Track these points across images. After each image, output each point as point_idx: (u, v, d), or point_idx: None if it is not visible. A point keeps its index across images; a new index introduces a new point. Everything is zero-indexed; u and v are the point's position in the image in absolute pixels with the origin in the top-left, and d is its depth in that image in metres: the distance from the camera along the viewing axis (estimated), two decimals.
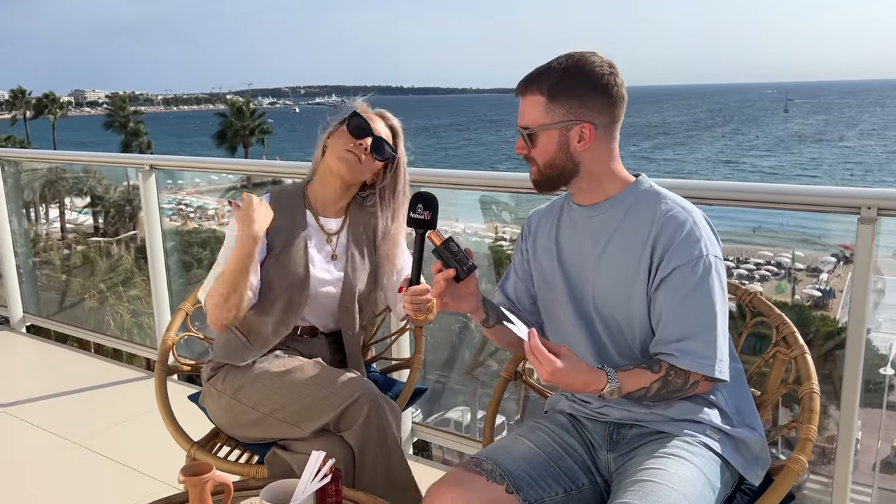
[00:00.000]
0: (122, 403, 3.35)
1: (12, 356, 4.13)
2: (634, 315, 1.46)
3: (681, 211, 1.44)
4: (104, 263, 5.51)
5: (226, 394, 1.85)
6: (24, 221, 4.95)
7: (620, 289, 1.46)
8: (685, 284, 1.39)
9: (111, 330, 4.59)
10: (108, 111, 61.40)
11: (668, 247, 1.41)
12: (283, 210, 1.92)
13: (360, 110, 1.93)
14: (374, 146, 1.89)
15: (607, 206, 1.50)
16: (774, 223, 11.61)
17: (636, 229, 1.45)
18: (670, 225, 1.42)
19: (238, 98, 62.74)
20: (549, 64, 1.46)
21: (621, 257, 1.46)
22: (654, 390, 1.39)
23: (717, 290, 1.40)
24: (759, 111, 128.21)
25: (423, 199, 1.57)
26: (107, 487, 2.59)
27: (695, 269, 1.39)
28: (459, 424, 4.41)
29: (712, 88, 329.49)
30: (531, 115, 1.45)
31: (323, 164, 1.94)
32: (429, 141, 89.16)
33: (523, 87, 1.47)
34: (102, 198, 6.57)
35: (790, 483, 1.38)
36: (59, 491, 2.60)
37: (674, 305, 1.40)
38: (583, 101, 1.43)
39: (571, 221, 1.56)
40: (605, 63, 1.45)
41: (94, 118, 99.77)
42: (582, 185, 1.49)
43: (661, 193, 1.49)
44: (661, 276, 1.41)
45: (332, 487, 1.43)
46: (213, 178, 10.54)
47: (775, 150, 72.24)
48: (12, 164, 4.50)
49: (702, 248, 1.40)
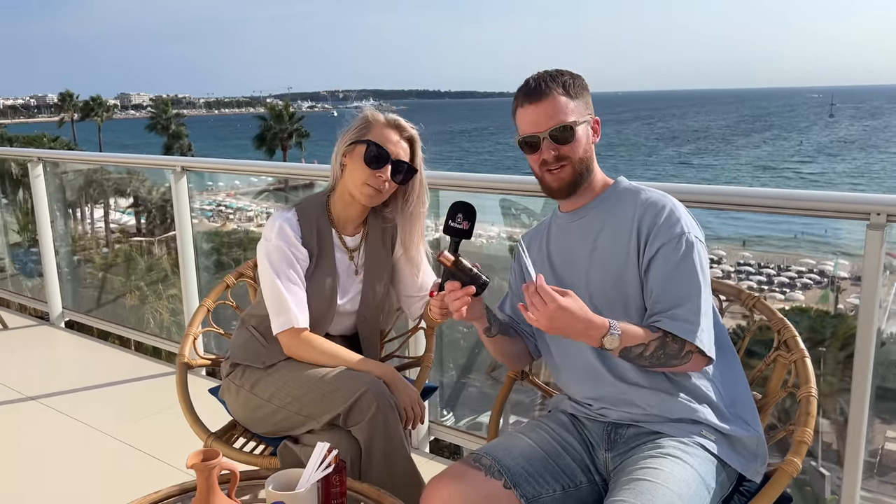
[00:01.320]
0: (152, 397, 3.46)
1: (51, 350, 4.29)
2: (630, 299, 1.52)
3: (659, 197, 1.54)
4: (145, 262, 5.65)
5: (244, 388, 1.92)
6: (69, 221, 5.14)
7: (614, 278, 1.53)
8: (670, 260, 1.47)
9: (150, 328, 4.71)
10: (151, 114, 62.85)
11: (651, 228, 1.49)
12: (311, 228, 1.92)
13: (375, 126, 1.88)
14: (394, 171, 1.87)
15: (591, 206, 1.60)
16: (818, 230, 11.37)
17: (621, 221, 1.54)
18: (652, 208, 1.51)
19: (277, 101, 63.64)
20: (549, 70, 1.57)
21: (611, 249, 1.54)
22: (652, 349, 1.44)
23: (699, 267, 1.47)
24: (802, 116, 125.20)
25: (464, 210, 1.58)
26: (132, 475, 2.69)
27: (678, 245, 1.47)
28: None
29: (753, 93, 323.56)
30: (562, 114, 1.52)
31: (343, 184, 1.92)
32: (465, 145, 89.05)
33: (542, 90, 1.53)
34: (145, 199, 6.74)
35: (783, 484, 1.39)
36: (87, 478, 2.71)
37: (662, 279, 1.48)
38: (588, 99, 1.58)
39: (559, 229, 1.65)
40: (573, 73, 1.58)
41: (139, 121, 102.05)
42: (585, 185, 1.58)
43: (639, 188, 1.58)
44: (648, 255, 1.49)
45: (335, 478, 1.48)
46: (253, 181, 10.74)
47: (819, 156, 70.39)
48: (54, 165, 4.68)
49: (682, 226, 1.48)
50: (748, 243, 13.95)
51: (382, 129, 1.89)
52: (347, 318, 1.99)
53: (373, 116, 1.91)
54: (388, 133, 1.89)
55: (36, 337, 4.43)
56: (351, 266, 1.97)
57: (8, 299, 5.21)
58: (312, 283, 1.90)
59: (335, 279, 1.93)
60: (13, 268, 5.61)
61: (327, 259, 1.92)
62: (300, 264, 1.88)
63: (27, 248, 5.59)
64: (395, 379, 1.84)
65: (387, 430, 1.75)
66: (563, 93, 1.53)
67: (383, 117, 1.91)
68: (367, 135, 1.88)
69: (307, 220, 1.92)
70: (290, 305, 1.84)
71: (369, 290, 1.98)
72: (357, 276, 1.97)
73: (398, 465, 1.77)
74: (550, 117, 1.52)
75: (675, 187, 1.94)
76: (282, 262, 1.86)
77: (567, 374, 1.62)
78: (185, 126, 60.39)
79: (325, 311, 1.93)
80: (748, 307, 1.70)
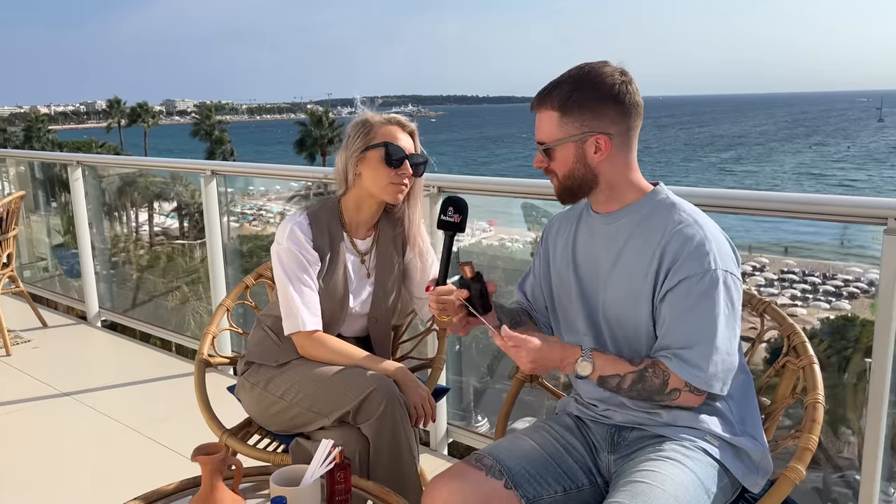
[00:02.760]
0: (178, 394, 3.55)
1: (86, 349, 4.42)
2: (641, 324, 1.47)
3: (692, 224, 1.43)
4: (187, 265, 5.77)
5: (258, 386, 1.96)
6: (114, 223, 5.26)
7: (629, 297, 1.48)
8: (689, 296, 1.39)
9: (191, 329, 4.78)
10: (195, 120, 64.20)
11: (675, 259, 1.41)
12: (322, 232, 1.95)
13: (378, 128, 1.90)
14: (414, 166, 1.91)
15: (623, 213, 1.52)
16: (864, 237, 11.09)
17: (648, 239, 1.46)
18: (679, 238, 1.42)
19: (318, 107, 64.39)
20: (560, 78, 1.48)
21: (632, 266, 1.48)
22: (629, 382, 1.42)
23: (723, 305, 1.39)
24: (848, 121, 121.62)
25: (454, 203, 1.63)
26: (155, 470, 2.76)
27: (700, 282, 1.38)
28: None
29: (797, 97, 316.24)
30: (546, 130, 1.48)
31: (359, 189, 1.94)
32: (499, 150, 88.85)
33: (536, 103, 1.49)
34: (188, 202, 6.90)
35: (786, 492, 1.37)
36: (112, 471, 2.79)
37: (676, 316, 1.41)
38: (595, 113, 1.44)
39: (589, 228, 1.59)
40: (616, 72, 1.45)
41: (183, 126, 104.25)
42: (601, 195, 1.52)
43: (677, 204, 1.48)
44: (666, 287, 1.42)
45: (340, 474, 1.51)
46: (293, 185, 10.89)
47: (867, 162, 68.22)
48: (94, 168, 4.82)
49: (710, 262, 1.39)
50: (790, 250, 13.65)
51: (387, 128, 1.91)
52: (359, 320, 2.02)
53: (371, 119, 1.92)
54: (393, 131, 1.91)
55: (73, 336, 4.57)
56: (362, 269, 1.99)
57: (56, 301, 5.37)
58: (324, 286, 1.94)
59: (347, 282, 1.96)
60: (58, 268, 5.79)
61: (339, 262, 1.95)
62: (312, 267, 1.92)
63: (72, 250, 5.76)
64: (406, 377, 1.87)
65: (395, 428, 1.77)
66: (554, 108, 1.45)
67: (382, 117, 1.93)
68: (375, 138, 1.90)
69: (318, 223, 1.95)
70: (300, 309, 1.88)
71: (380, 292, 2.01)
72: (368, 279, 2.00)
73: (404, 463, 1.79)
74: (538, 131, 1.50)
75: (692, 192, 1.92)
76: (293, 265, 1.90)
77: None
78: (228, 132, 61.50)
79: (338, 313, 1.96)
80: (758, 312, 1.68)
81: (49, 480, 2.74)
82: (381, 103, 11.95)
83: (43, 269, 6.07)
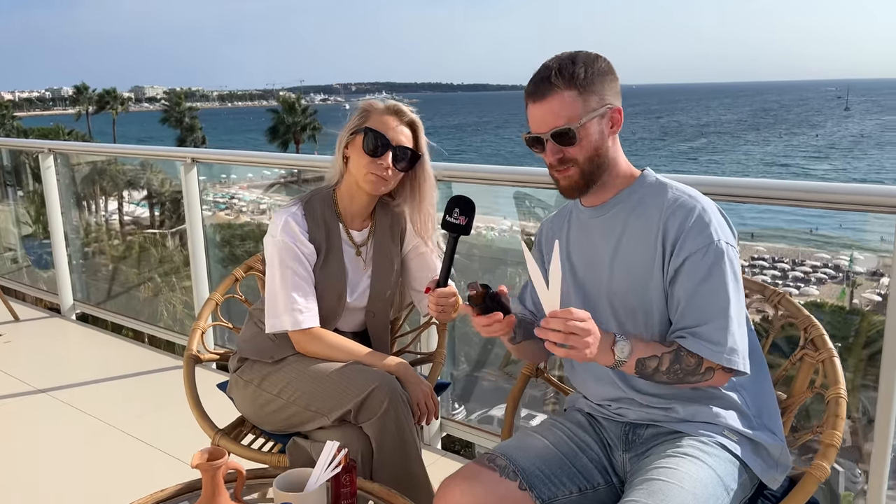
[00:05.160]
0: (160, 390, 3.44)
1: (61, 343, 4.28)
2: (654, 309, 1.43)
3: (688, 199, 1.41)
4: (158, 255, 5.66)
5: (252, 383, 1.88)
6: (84, 213, 5.12)
7: (636, 284, 1.43)
8: (697, 272, 1.37)
9: (164, 320, 4.70)
10: (165, 107, 63.13)
11: (678, 236, 1.38)
12: (317, 224, 1.87)
13: (374, 114, 1.84)
14: (395, 158, 1.82)
15: (615, 202, 1.48)
16: (833, 223, 11.27)
17: (646, 224, 1.43)
18: (679, 213, 1.39)
19: (290, 94, 63.73)
20: (558, 62, 1.41)
21: (634, 255, 1.44)
22: (667, 363, 1.35)
23: (730, 277, 1.37)
24: (813, 111, 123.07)
25: (461, 203, 1.57)
26: (139, 470, 2.67)
27: (706, 255, 1.36)
28: (503, 422, 4.40)
29: (766, 86, 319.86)
30: (565, 113, 1.39)
31: (349, 176, 1.88)
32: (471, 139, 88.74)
33: (546, 89, 1.40)
34: (159, 191, 6.76)
35: (811, 490, 1.33)
36: (95, 471, 2.69)
37: (688, 294, 1.38)
38: (607, 87, 1.42)
39: (581, 224, 1.54)
40: (595, 54, 1.44)
41: (152, 113, 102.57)
42: (606, 179, 1.46)
43: (667, 184, 1.46)
44: (674, 266, 1.39)
45: (345, 477, 1.44)
46: (266, 174, 10.77)
47: (833, 152, 69.03)
48: (65, 156, 4.66)
49: (711, 233, 1.37)
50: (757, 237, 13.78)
51: (381, 115, 1.83)
52: (357, 313, 1.95)
53: (371, 105, 1.86)
54: (387, 119, 1.83)
55: (47, 329, 4.42)
56: (359, 261, 1.92)
57: (24, 292, 5.20)
58: (320, 279, 1.86)
59: (344, 274, 1.88)
60: (27, 260, 5.62)
61: (335, 254, 1.88)
62: (307, 259, 1.84)
63: (40, 241, 5.58)
64: (408, 373, 1.80)
65: (398, 427, 1.71)
66: (569, 87, 1.39)
67: (381, 104, 1.85)
68: (365, 123, 1.83)
69: (313, 214, 1.87)
70: (289, 306, 1.80)
71: (378, 285, 1.93)
72: (365, 272, 1.93)
73: (410, 462, 1.73)
74: (552, 118, 1.40)
75: (698, 179, 1.87)
76: (289, 258, 1.82)
77: (583, 374, 1.56)
78: (199, 119, 60.61)
79: (335, 307, 1.89)
80: (773, 304, 1.64)
81: (29, 483, 2.63)
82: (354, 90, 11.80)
83: (11, 259, 5.88)
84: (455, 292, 1.72)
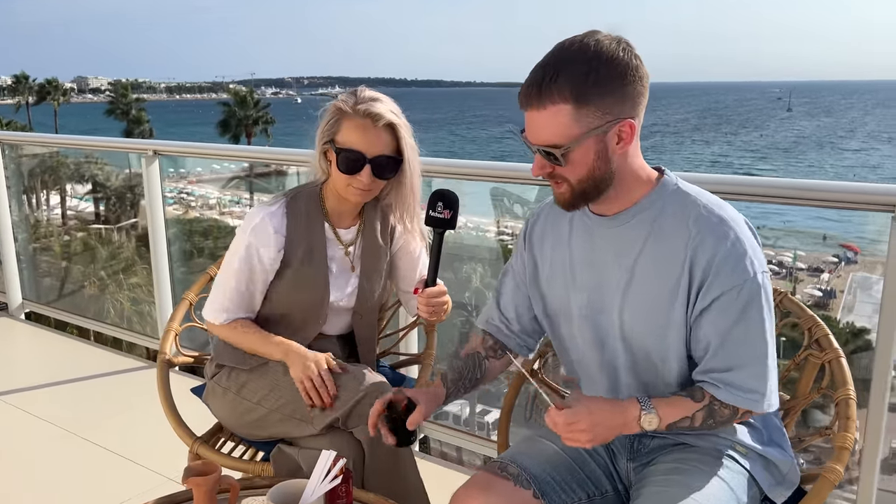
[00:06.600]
0: (121, 393, 3.28)
1: (11, 343, 4.07)
2: (671, 346, 1.28)
3: (718, 222, 1.22)
4: (105, 251, 5.46)
5: (230, 391, 1.78)
6: (24, 207, 4.88)
7: (654, 325, 1.28)
8: (730, 312, 1.21)
9: (111, 318, 4.53)
10: (110, 98, 61.28)
11: (709, 268, 1.21)
12: (300, 222, 1.75)
13: (345, 122, 1.65)
14: (374, 171, 1.66)
15: (632, 214, 1.28)
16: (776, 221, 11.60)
17: (669, 244, 1.25)
18: (708, 242, 1.21)
19: (241, 87, 62.55)
20: (555, 61, 1.18)
21: (653, 287, 1.26)
22: (700, 420, 1.25)
23: (766, 313, 1.23)
24: (755, 111, 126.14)
25: (443, 197, 1.51)
26: (106, 479, 2.52)
27: (741, 294, 1.20)
28: (458, 418, 4.38)
29: (710, 86, 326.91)
30: (556, 130, 1.19)
31: (332, 180, 1.73)
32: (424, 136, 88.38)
33: (535, 98, 1.19)
34: (104, 185, 6.52)
35: (826, 494, 1.31)
36: (58, 482, 2.53)
37: (720, 335, 1.22)
38: (616, 96, 1.18)
39: (587, 232, 1.35)
40: (613, 41, 1.19)
41: (97, 105, 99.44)
42: (611, 193, 1.26)
43: (692, 196, 1.27)
44: (701, 306, 1.23)
45: (342, 488, 1.36)
46: (215, 168, 10.50)
47: (772, 153, 70.82)
48: (13, 148, 4.43)
49: (747, 266, 1.20)
50: None
51: (355, 123, 1.64)
52: (343, 315, 1.86)
53: (342, 109, 1.65)
54: (360, 127, 1.64)
55: None
56: (346, 260, 1.82)
57: None
58: (301, 280, 1.76)
59: (325, 274, 1.79)
60: None
61: (318, 253, 1.77)
62: (267, 266, 1.74)
63: None
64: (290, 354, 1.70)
65: None
66: (566, 99, 1.16)
67: (357, 108, 1.63)
68: (337, 133, 1.66)
69: (296, 212, 1.75)
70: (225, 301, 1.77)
71: (366, 285, 1.84)
72: (353, 272, 1.84)
73: (403, 467, 1.67)
74: (541, 131, 1.20)
75: (701, 178, 1.84)
76: (242, 261, 1.74)
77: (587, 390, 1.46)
78: (146, 111, 59.01)
79: (318, 309, 1.79)
80: (775, 304, 1.61)
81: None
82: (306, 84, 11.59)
83: None
84: (445, 291, 1.66)
